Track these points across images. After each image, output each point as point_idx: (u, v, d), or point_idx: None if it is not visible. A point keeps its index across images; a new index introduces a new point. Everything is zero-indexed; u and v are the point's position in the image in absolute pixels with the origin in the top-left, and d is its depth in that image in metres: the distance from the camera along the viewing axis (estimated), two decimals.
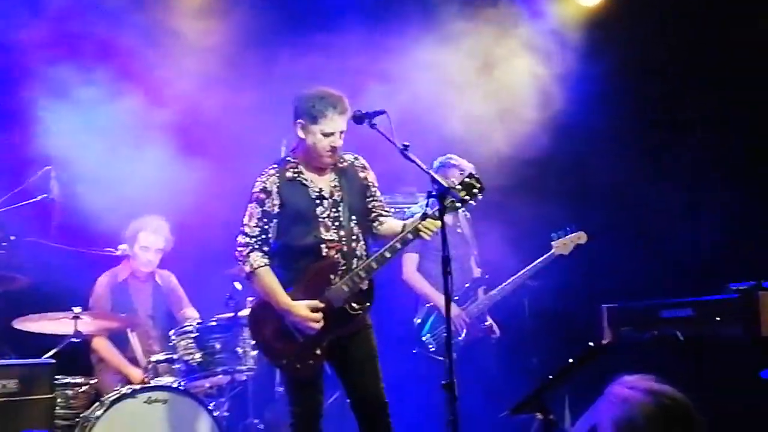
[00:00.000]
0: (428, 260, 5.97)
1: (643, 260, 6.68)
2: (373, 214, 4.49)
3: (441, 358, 5.73)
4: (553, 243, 5.94)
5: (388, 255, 4.22)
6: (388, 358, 5.92)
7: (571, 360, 3.63)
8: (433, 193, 3.89)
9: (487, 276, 6.13)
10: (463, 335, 5.90)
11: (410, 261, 5.99)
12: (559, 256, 5.93)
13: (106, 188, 6.02)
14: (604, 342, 3.78)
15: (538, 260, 5.93)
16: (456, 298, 5.92)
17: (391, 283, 6.15)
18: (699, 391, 2.50)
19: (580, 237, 5.97)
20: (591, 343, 3.78)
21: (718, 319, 4.84)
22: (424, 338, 5.88)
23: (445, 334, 5.65)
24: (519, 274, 5.94)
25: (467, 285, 6.01)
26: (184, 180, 6.52)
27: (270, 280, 4.25)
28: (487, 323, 6.05)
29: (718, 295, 4.98)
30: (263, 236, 4.29)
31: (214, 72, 6.57)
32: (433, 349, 5.85)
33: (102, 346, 5.71)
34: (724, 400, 4.22)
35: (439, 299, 5.83)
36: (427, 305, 5.94)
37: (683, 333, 4.88)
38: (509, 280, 5.96)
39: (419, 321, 5.97)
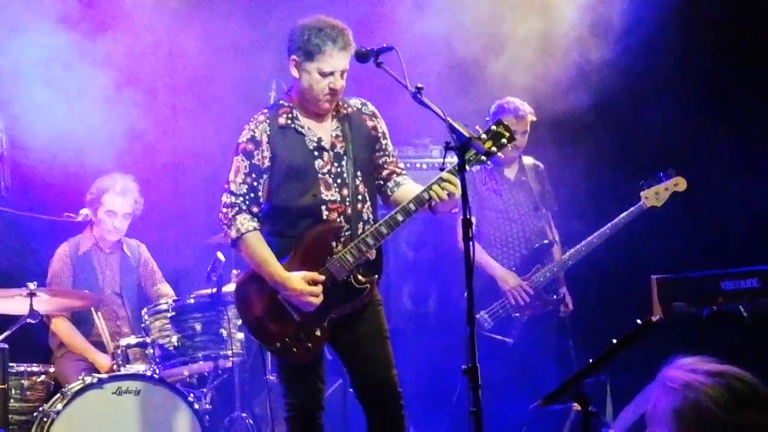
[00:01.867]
0: (485, 224, 5.95)
1: (700, 226, 6.66)
2: (384, 172, 4.45)
3: (500, 338, 5.75)
4: (642, 193, 5.83)
5: (400, 218, 4.17)
6: (432, 339, 5.93)
7: (614, 341, 3.62)
8: (452, 144, 3.78)
9: (557, 239, 6.09)
10: (524, 309, 5.86)
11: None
12: (650, 209, 5.83)
13: (65, 142, 5.99)
14: (654, 319, 3.76)
15: (622, 215, 5.82)
16: (516, 265, 5.93)
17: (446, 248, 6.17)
18: (765, 374, 2.49)
19: (678, 183, 5.84)
20: (638, 321, 3.76)
21: None
22: (478, 315, 5.82)
23: (503, 311, 5.84)
24: (597, 233, 5.85)
25: (531, 250, 5.97)
26: (155, 132, 6.51)
27: (260, 247, 4.21)
28: (558, 295, 6.01)
29: None
30: (252, 195, 4.24)
31: (191, 1, 6.53)
32: (490, 327, 5.82)
33: (62, 328, 5.72)
34: None
35: (497, 270, 5.85)
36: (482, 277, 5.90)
37: (747, 308, 4.87)
38: (584, 242, 5.88)
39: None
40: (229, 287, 5.43)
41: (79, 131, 6.04)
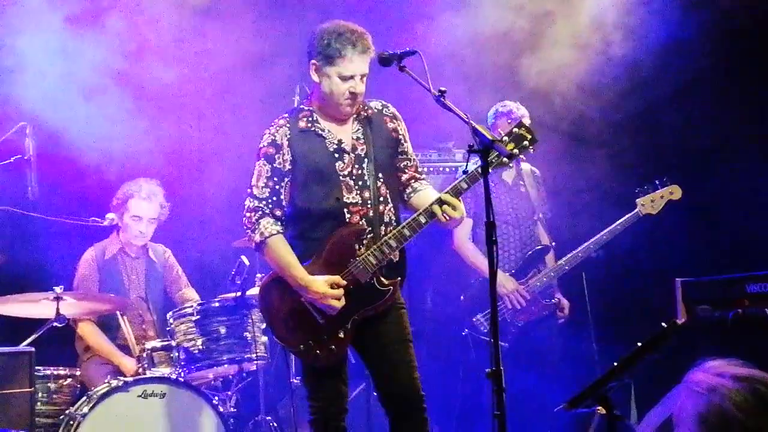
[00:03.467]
0: (483, 226, 5.92)
1: (725, 228, 6.59)
2: (404, 176, 4.44)
3: (492, 343, 5.71)
4: (638, 200, 5.84)
5: (423, 220, 4.16)
6: (431, 341, 5.92)
7: (639, 344, 3.57)
8: (475, 147, 3.77)
9: (553, 243, 6.07)
10: (520, 314, 5.84)
11: (462, 228, 5.91)
12: (645, 216, 5.82)
13: (92, 148, 6.03)
14: (678, 322, 3.72)
15: (619, 221, 5.82)
16: (513, 270, 5.90)
17: (438, 253, 6.15)
18: None
19: (674, 192, 5.85)
20: (664, 324, 3.72)
21: None
22: (475, 319, 5.83)
23: (499, 315, 5.78)
24: (593, 239, 5.84)
25: (528, 254, 5.96)
26: (181, 137, 6.54)
27: (284, 250, 4.21)
28: (553, 300, 5.99)
29: None
30: (274, 198, 4.24)
31: (213, 8, 6.55)
32: (486, 330, 5.81)
33: (88, 331, 5.74)
34: None
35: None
36: (479, 279, 5.89)
37: None
38: (581, 247, 5.87)
39: (467, 297, 5.92)
40: (254, 291, 5.45)
41: (105, 136, 6.10)
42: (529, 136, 4.12)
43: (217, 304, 5.43)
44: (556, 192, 6.43)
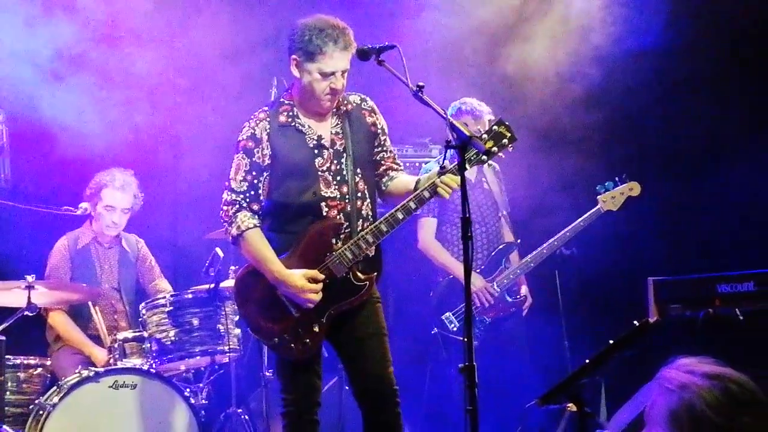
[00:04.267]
0: (448, 224, 5.96)
1: (697, 226, 6.65)
2: (382, 168, 4.44)
3: (465, 340, 5.72)
4: (599, 197, 5.88)
5: (400, 216, 4.16)
6: (401, 339, 5.94)
7: (611, 341, 3.60)
8: (453, 143, 3.75)
9: (518, 241, 6.10)
10: (488, 311, 5.87)
11: (427, 227, 5.95)
12: (606, 213, 5.86)
13: (65, 136, 5.99)
14: (651, 321, 3.75)
15: (581, 218, 5.86)
16: (480, 268, 5.91)
17: (405, 250, 6.15)
18: (762, 380, 2.48)
19: (633, 188, 5.89)
20: (636, 322, 3.75)
21: None
22: (444, 316, 5.84)
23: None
24: (557, 236, 5.88)
25: (494, 252, 5.99)
26: (156, 127, 6.51)
27: (260, 244, 4.21)
28: (519, 296, 6.03)
29: None
30: (252, 192, 4.23)
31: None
32: (455, 328, 5.82)
33: (59, 321, 5.70)
34: None
35: (461, 270, 5.82)
36: (448, 278, 5.91)
37: (743, 311, 4.86)
38: (545, 244, 5.90)
39: (435, 296, 5.94)
40: (227, 283, 5.44)
41: (79, 125, 6.05)
42: (509, 135, 4.12)
43: (190, 296, 5.41)
44: (527, 188, 6.44)
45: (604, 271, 6.53)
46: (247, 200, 4.24)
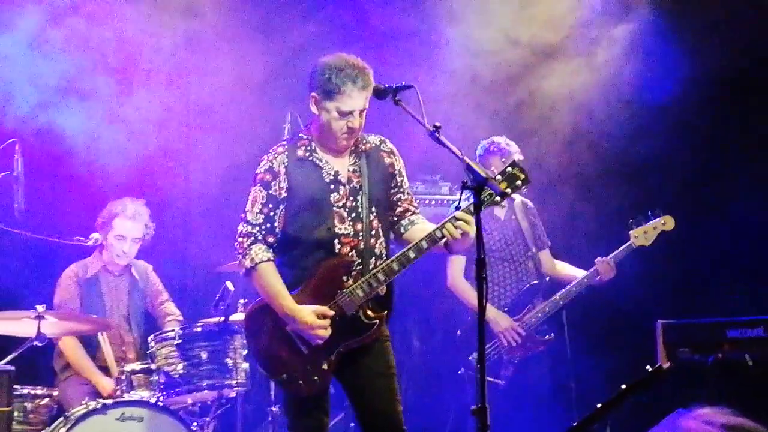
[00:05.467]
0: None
1: (710, 269, 6.65)
2: (398, 209, 4.44)
3: (491, 379, 5.67)
4: (631, 232, 5.82)
5: (412, 255, 4.16)
6: (427, 378, 5.90)
7: (624, 386, 3.60)
8: (468, 184, 3.77)
9: (548, 278, 6.04)
10: (516, 350, 5.83)
11: (456, 265, 5.90)
12: (638, 248, 5.81)
13: (79, 166, 6.02)
14: (664, 366, 3.75)
15: (613, 254, 5.81)
16: (508, 306, 5.89)
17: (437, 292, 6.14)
18: None
19: (666, 223, 5.82)
20: (648, 367, 3.74)
21: None
22: (471, 357, 5.73)
23: (495, 353, 5.80)
24: (587, 273, 5.84)
25: (523, 291, 5.94)
26: (166, 159, 6.54)
27: (273, 278, 4.21)
28: (547, 336, 5.94)
29: None
30: (268, 225, 4.24)
31: (202, 31, 6.57)
32: None
33: (70, 346, 5.67)
34: None
35: (489, 311, 5.75)
36: (475, 317, 5.86)
37: (753, 357, 4.85)
38: (575, 281, 5.87)
39: (462, 334, 5.88)
40: (237, 316, 5.44)
41: (92, 156, 6.09)
42: (522, 176, 4.13)
43: (199, 329, 5.40)
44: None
45: (612, 312, 6.53)
46: (263, 233, 4.24)
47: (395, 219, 4.44)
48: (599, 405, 3.45)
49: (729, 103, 6.67)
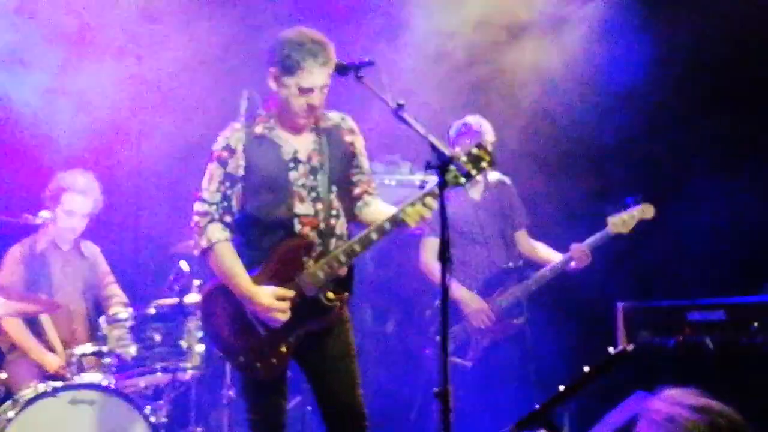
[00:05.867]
0: (452, 246, 5.88)
1: (671, 252, 6.67)
2: (357, 190, 4.37)
3: (459, 361, 5.67)
4: (609, 219, 5.75)
5: (374, 237, 4.09)
6: (392, 359, 5.86)
7: (586, 369, 3.58)
8: (432, 163, 3.68)
9: (521, 263, 5.98)
10: (485, 333, 5.81)
11: (429, 246, 5.82)
12: (616, 236, 5.76)
13: (25, 139, 5.88)
14: (628, 348, 3.75)
15: (589, 240, 5.76)
16: (479, 289, 5.86)
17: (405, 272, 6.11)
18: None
19: (646, 211, 5.76)
20: (611, 350, 3.74)
21: (755, 324, 4.81)
22: (438, 338, 5.73)
23: (464, 334, 5.78)
24: (561, 259, 5.81)
25: (495, 273, 5.89)
26: (119, 132, 6.43)
27: (230, 258, 4.14)
28: (518, 320, 5.88)
29: (756, 297, 4.98)
30: (225, 203, 4.16)
31: (157, 2, 6.44)
32: (449, 349, 5.73)
33: (13, 327, 5.53)
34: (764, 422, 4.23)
35: (461, 292, 5.76)
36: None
37: (713, 340, 4.88)
38: (548, 266, 5.83)
39: (431, 316, 5.82)
40: (191, 298, 5.35)
41: (39, 128, 5.95)
42: (488, 158, 4.00)
43: (152, 311, 5.31)
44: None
45: (572, 295, 6.53)
46: (220, 212, 4.16)
47: (352, 200, 4.37)
48: (562, 387, 3.43)
49: (693, 87, 6.67)
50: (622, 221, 5.76)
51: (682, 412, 2.34)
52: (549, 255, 6.00)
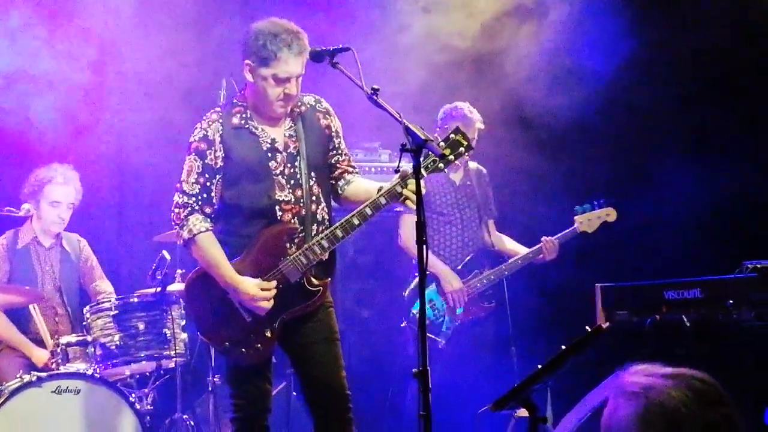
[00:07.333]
0: (429, 226, 5.99)
1: (647, 234, 6.78)
2: (337, 171, 4.43)
3: (433, 337, 5.80)
4: (576, 217, 5.98)
5: (356, 222, 4.15)
6: (375, 341, 5.89)
7: (563, 347, 3.67)
8: (407, 147, 3.72)
9: (495, 247, 6.17)
10: (459, 312, 5.93)
11: (409, 224, 5.92)
12: (582, 234, 5.98)
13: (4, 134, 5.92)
14: (604, 326, 3.84)
15: (557, 235, 5.97)
16: (458, 269, 5.99)
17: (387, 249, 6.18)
18: None
19: (609, 214, 5.99)
20: (588, 327, 3.83)
21: (730, 302, 4.94)
22: (414, 312, 5.80)
23: (438, 311, 5.90)
24: (532, 249, 5.99)
25: (470, 256, 6.04)
26: (99, 127, 6.45)
27: (213, 248, 4.20)
28: (491, 304, 6.05)
29: (731, 275, 5.09)
30: (204, 195, 4.21)
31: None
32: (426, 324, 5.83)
33: None
34: (737, 397, 4.33)
35: (440, 268, 5.92)
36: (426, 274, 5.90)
37: (689, 318, 4.98)
38: (520, 255, 6.01)
39: (409, 291, 5.93)
40: (174, 286, 5.42)
41: (18, 121, 5.98)
42: (465, 143, 4.11)
43: (136, 300, 5.37)
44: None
45: (551, 276, 6.63)
46: (200, 203, 4.21)
47: (333, 181, 4.44)
48: (539, 366, 3.51)
49: (666, 74, 6.78)
50: (587, 220, 5.98)
51: (659, 381, 2.33)
52: (513, 247, 6.21)
